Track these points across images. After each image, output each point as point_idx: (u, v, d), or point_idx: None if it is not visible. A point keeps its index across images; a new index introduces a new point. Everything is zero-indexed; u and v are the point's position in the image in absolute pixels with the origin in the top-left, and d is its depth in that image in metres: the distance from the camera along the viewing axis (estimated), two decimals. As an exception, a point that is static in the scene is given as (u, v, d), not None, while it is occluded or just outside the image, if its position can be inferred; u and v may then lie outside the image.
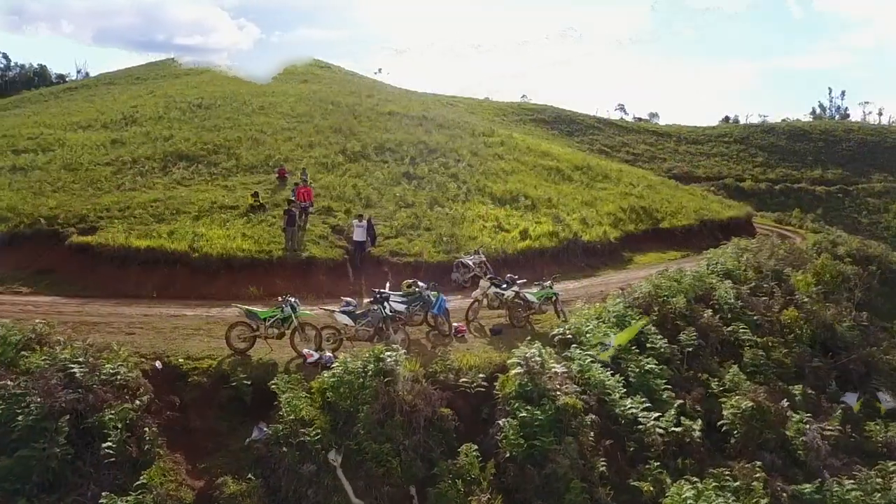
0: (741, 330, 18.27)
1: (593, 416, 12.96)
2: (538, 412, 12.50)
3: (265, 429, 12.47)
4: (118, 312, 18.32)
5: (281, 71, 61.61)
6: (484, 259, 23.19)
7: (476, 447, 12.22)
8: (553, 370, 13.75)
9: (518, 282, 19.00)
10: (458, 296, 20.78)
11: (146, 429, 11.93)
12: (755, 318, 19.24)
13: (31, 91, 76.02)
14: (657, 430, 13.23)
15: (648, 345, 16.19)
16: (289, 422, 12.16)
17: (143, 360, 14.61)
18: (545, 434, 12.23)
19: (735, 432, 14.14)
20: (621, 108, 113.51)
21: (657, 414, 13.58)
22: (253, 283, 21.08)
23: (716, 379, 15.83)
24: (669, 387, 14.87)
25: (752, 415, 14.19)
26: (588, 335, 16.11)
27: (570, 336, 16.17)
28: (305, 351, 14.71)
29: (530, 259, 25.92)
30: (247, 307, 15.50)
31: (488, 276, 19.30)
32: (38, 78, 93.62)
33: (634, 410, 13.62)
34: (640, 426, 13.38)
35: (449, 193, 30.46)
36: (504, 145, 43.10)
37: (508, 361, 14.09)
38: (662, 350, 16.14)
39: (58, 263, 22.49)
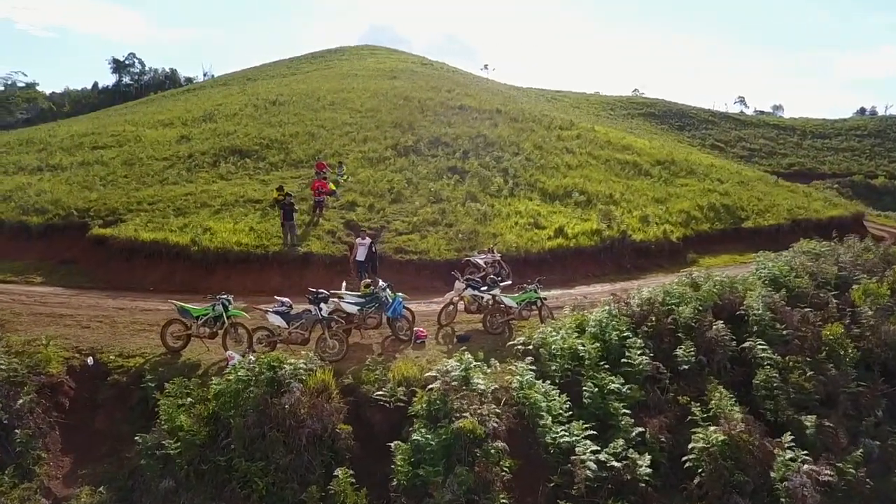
0: (758, 346, 15.40)
1: (501, 444, 11.01)
2: (430, 435, 10.80)
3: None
4: (97, 305, 18.28)
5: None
6: (498, 258, 21.34)
7: (352, 472, 10.69)
8: (478, 387, 11.94)
9: (501, 283, 17.18)
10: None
11: (17, 430, 11.36)
12: (785, 332, 16.23)
13: (157, 94, 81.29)
14: (590, 462, 11.09)
15: (623, 360, 13.88)
16: (163, 431, 11.22)
17: (76, 355, 14.31)
18: (435, 461, 10.52)
19: (700, 471, 11.71)
20: (741, 100, 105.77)
21: (594, 445, 11.41)
22: (249, 278, 20.60)
23: (698, 404, 13.24)
24: (628, 412, 12.55)
25: (723, 451, 11.70)
26: (553, 346, 14.08)
27: (530, 347, 14.17)
28: (228, 353, 13.74)
29: (561, 259, 23.79)
30: (181, 304, 14.76)
31: (464, 277, 17.53)
32: (168, 81, 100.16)
33: (568, 438, 11.54)
34: (574, 457, 11.30)
35: (491, 188, 28.72)
36: (580, 138, 40.62)
37: (426, 374, 12.45)
38: (640, 367, 13.78)
39: (79, 255, 23.02)
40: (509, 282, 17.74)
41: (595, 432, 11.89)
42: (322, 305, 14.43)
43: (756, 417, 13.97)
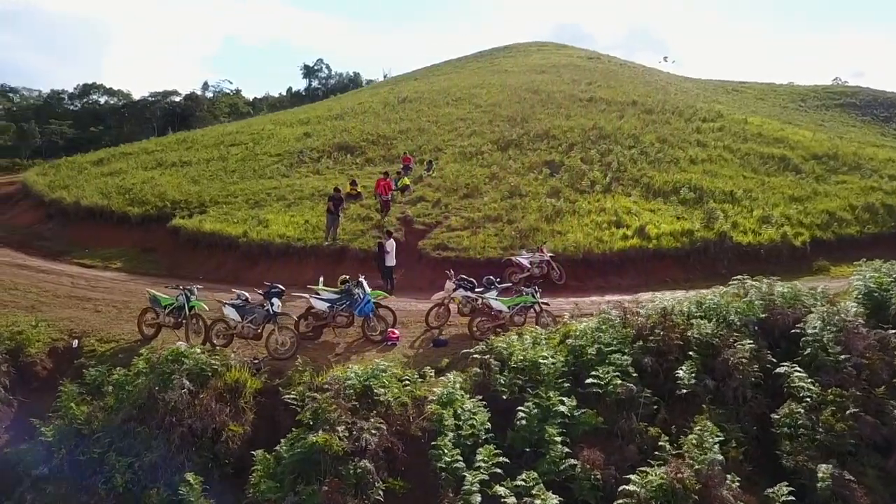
0: (795, 373, 12.28)
1: (368, 463, 9.49)
2: (286, 448, 9.63)
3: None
4: (132, 291, 19.01)
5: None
6: (547, 257, 19.32)
7: (202, 478, 9.81)
8: (379, 398, 10.56)
9: (499, 286, 15.38)
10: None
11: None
12: (842, 358, 12.82)
13: (337, 96, 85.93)
14: (476, 495, 9.27)
15: (590, 380, 11.63)
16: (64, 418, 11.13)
17: (66, 337, 14.85)
18: (283, 476, 9.34)
19: (630, 521, 9.38)
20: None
21: (483, 475, 9.54)
22: (287, 270, 20.43)
23: (666, 438, 10.71)
24: (559, 439, 10.38)
25: (657, 498, 9.29)
26: (512, 359, 12.19)
27: (486, 357, 12.33)
28: (178, 343, 13.45)
29: (634, 261, 21.03)
30: (153, 292, 14.79)
31: (458, 277, 15.83)
32: (351, 84, 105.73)
33: (460, 464, 9.78)
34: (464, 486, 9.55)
35: (582, 184, 26.34)
36: (722, 130, 36.35)
37: (321, 381, 11.24)
38: (611, 388, 11.47)
39: (159, 244, 24.40)
40: (501, 283, 15.82)
41: (508, 460, 10.02)
42: (274, 300, 13.72)
43: (772, 461, 11.31)
